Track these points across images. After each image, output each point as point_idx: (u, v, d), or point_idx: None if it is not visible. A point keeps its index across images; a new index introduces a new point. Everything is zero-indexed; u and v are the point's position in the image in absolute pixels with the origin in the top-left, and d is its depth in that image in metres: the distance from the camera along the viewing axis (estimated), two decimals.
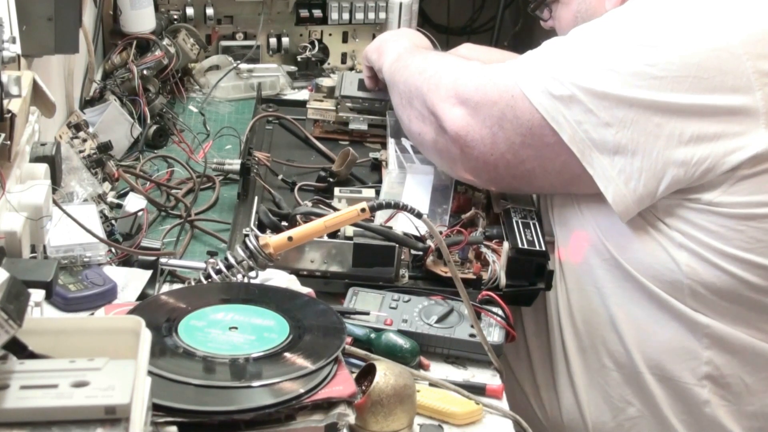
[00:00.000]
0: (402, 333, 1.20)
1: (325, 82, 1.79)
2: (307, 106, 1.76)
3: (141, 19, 1.86)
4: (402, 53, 1.57)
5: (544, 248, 1.31)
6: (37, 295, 0.93)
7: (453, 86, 1.35)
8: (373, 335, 1.19)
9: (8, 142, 1.08)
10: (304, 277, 1.28)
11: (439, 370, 1.21)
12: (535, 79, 1.27)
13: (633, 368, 1.32)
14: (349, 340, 1.17)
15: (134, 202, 1.43)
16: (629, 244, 1.28)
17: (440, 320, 1.23)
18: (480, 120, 1.31)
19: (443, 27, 3.10)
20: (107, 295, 1.24)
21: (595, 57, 1.24)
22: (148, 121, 1.74)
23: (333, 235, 1.29)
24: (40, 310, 0.96)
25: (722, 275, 1.23)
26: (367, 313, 1.23)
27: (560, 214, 1.38)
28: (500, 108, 1.29)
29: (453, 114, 1.33)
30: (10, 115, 1.08)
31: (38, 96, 1.22)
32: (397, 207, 1.22)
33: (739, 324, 1.26)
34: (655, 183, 1.22)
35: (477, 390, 1.17)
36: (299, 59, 2.12)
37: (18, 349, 0.79)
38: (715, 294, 1.25)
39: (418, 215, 1.20)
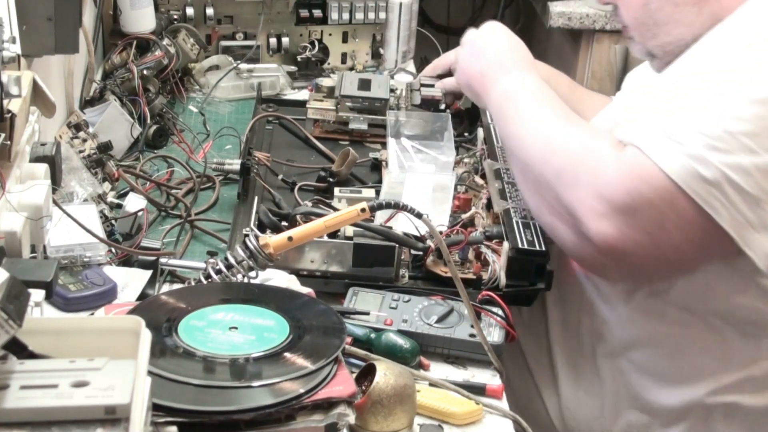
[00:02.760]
0: (402, 333, 1.20)
1: (325, 82, 1.79)
2: (307, 106, 1.76)
3: (141, 19, 1.86)
4: (516, 90, 1.34)
5: (544, 248, 1.31)
6: (37, 295, 0.93)
7: (596, 189, 1.16)
8: (373, 335, 1.19)
9: (8, 142, 1.08)
10: (304, 277, 1.28)
11: (439, 370, 1.21)
12: (683, 166, 1.13)
13: None
14: (349, 340, 1.17)
15: (134, 202, 1.43)
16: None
17: (440, 320, 1.23)
18: (637, 227, 1.15)
19: (443, 27, 3.11)
20: (107, 295, 1.24)
21: (732, 127, 1.13)
22: (148, 121, 1.74)
23: (333, 235, 1.29)
24: (40, 310, 0.96)
25: None
26: (367, 313, 1.23)
27: None
28: (659, 209, 1.14)
29: (603, 226, 1.16)
30: (10, 115, 1.08)
31: (38, 96, 1.22)
32: (397, 207, 1.22)
33: None
34: None
35: (477, 390, 1.17)
36: (299, 59, 2.12)
37: (18, 349, 0.79)
38: None
39: (418, 215, 1.20)
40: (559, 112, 1.28)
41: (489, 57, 1.40)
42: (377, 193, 1.50)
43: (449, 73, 1.77)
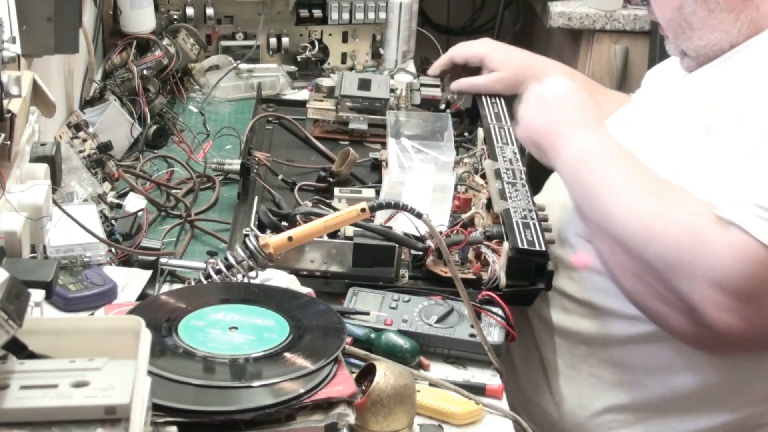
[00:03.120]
0: (402, 333, 1.20)
1: (325, 82, 1.79)
2: (307, 106, 1.76)
3: (141, 19, 1.86)
4: (591, 152, 1.25)
5: (544, 248, 1.30)
6: (37, 295, 0.93)
7: (712, 279, 1.10)
8: (373, 335, 1.19)
9: (8, 142, 1.08)
10: (304, 277, 1.28)
11: (439, 370, 1.21)
12: None
13: None
14: (349, 340, 1.17)
15: (134, 202, 1.43)
16: None
17: (440, 320, 1.23)
18: (761, 313, 1.11)
19: (443, 27, 3.11)
20: (107, 295, 1.24)
21: None
22: (148, 121, 1.74)
23: (333, 235, 1.29)
24: (40, 310, 0.96)
25: None
26: (367, 313, 1.23)
27: None
28: None
29: (727, 317, 1.10)
30: (10, 115, 1.08)
31: (38, 96, 1.22)
32: (397, 207, 1.22)
33: None
34: None
35: (477, 390, 1.17)
36: (299, 59, 2.12)
37: (18, 349, 0.79)
38: None
39: (418, 215, 1.20)
40: (644, 182, 1.20)
41: (557, 113, 1.31)
42: (377, 193, 1.50)
43: (458, 69, 1.77)
